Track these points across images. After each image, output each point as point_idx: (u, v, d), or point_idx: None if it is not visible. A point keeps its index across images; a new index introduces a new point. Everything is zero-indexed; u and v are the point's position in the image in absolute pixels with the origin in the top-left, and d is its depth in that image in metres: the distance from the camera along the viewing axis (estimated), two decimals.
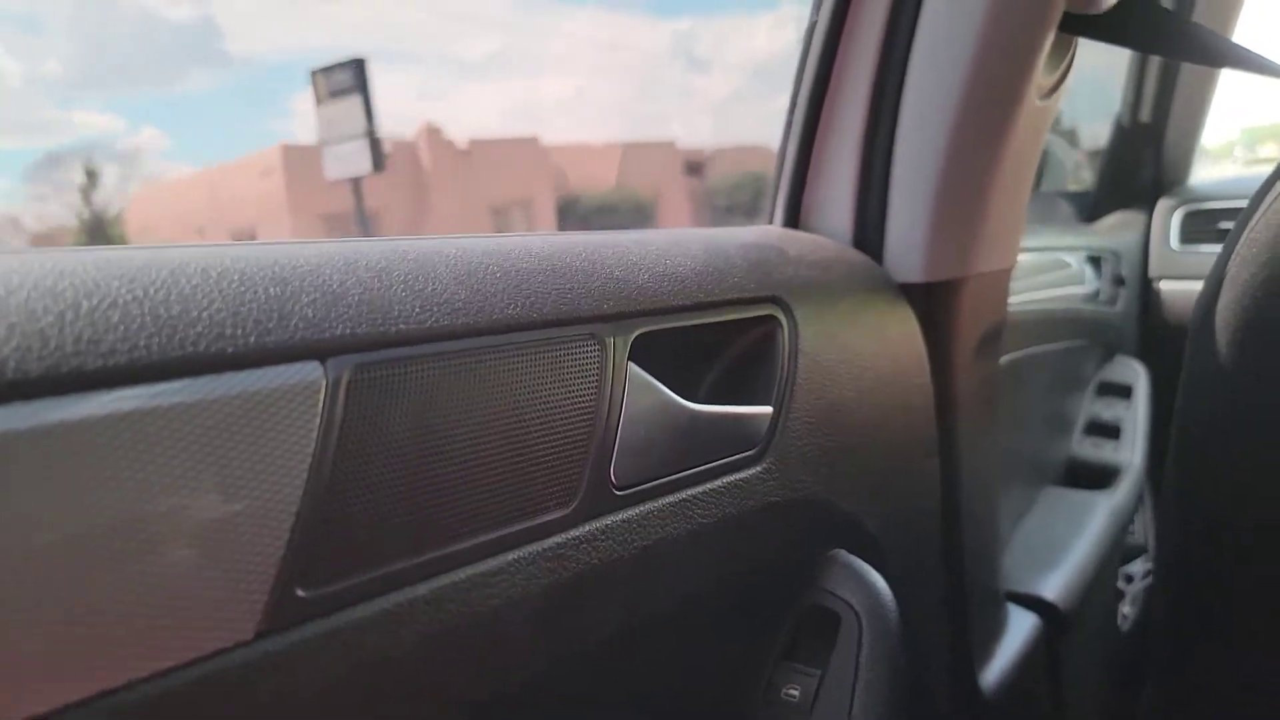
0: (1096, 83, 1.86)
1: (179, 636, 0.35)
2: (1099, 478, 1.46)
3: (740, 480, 0.61)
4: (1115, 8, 0.84)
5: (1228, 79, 1.84)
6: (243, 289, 0.39)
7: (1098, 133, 1.93)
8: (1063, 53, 0.87)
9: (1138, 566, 1.62)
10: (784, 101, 0.90)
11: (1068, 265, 1.58)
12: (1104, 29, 0.87)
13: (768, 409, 0.64)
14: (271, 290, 0.40)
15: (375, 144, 12.27)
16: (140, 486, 0.34)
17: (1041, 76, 0.83)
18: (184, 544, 0.35)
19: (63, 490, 0.32)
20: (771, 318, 0.66)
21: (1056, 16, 0.80)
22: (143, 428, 0.34)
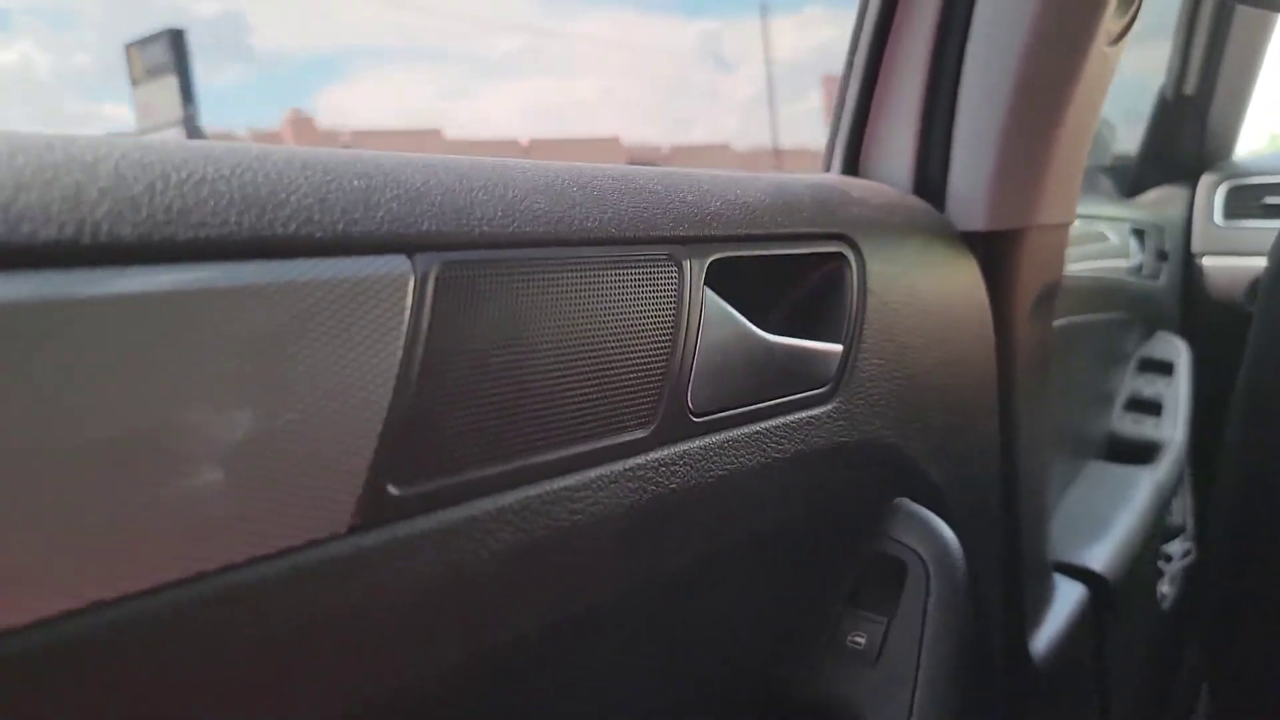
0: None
1: (270, 525, 0.33)
2: (1139, 454, 1.44)
3: (811, 417, 0.60)
4: None
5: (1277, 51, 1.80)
6: (328, 179, 0.38)
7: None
8: None
9: (1176, 546, 1.59)
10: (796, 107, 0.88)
11: (1110, 238, 1.56)
12: None
13: (838, 347, 0.62)
14: (356, 183, 0.38)
15: (194, 132, 9.88)
16: (233, 364, 0.32)
17: (1110, 21, 0.81)
18: (277, 428, 0.33)
19: (155, 362, 0.30)
20: (840, 255, 0.64)
21: None
22: (236, 304, 0.32)
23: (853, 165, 0.87)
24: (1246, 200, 1.73)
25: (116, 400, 0.29)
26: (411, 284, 0.38)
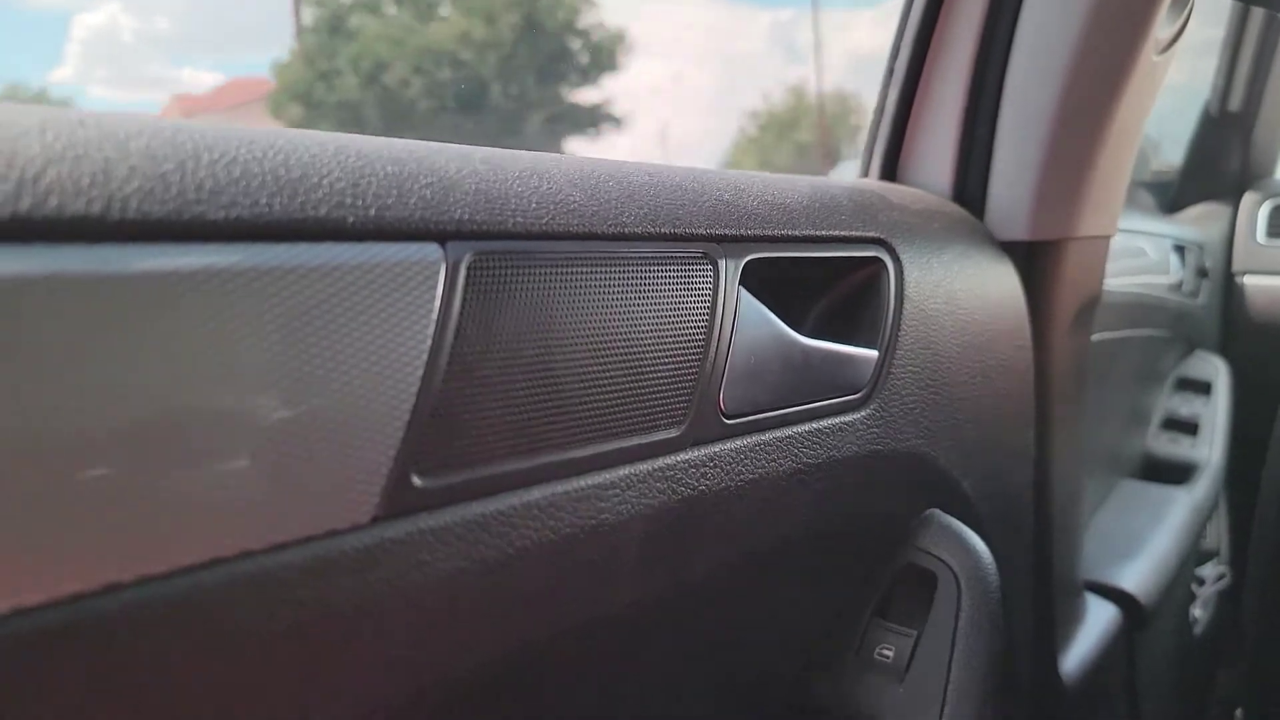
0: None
1: (295, 513, 0.32)
2: (1175, 474, 1.41)
3: (845, 424, 0.58)
4: None
5: None
6: (360, 164, 0.37)
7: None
8: (1181, 4, 0.82)
9: (1209, 570, 1.56)
10: None
11: (1147, 254, 1.53)
12: None
13: (873, 353, 0.61)
14: (389, 169, 0.38)
15: None
16: (260, 346, 0.31)
17: (1160, 29, 0.79)
18: (302, 414, 0.32)
19: (181, 343, 0.30)
20: (877, 260, 0.63)
21: None
22: (265, 285, 0.32)
23: (891, 171, 0.86)
24: None
25: (137, 380, 0.29)
26: (443, 272, 0.37)
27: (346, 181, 0.36)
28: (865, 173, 0.87)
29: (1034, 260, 0.81)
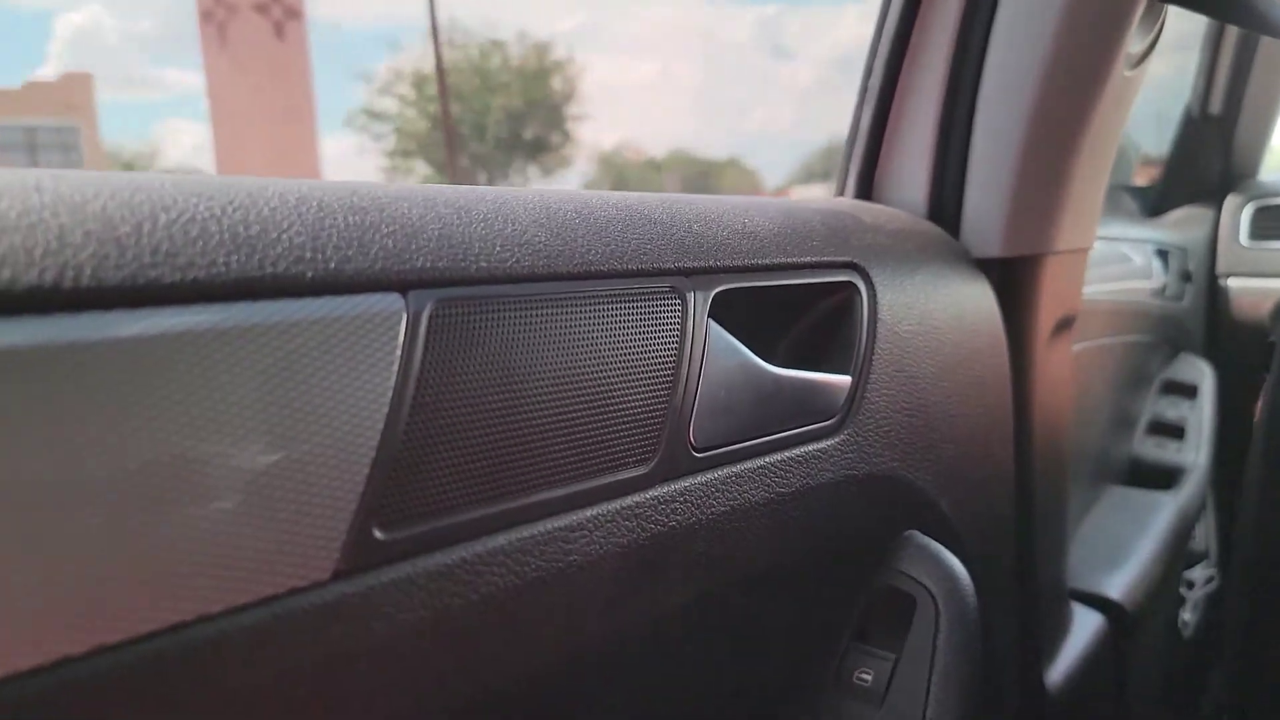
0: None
1: (252, 573, 0.32)
2: (1161, 478, 1.42)
3: (818, 450, 0.59)
4: None
5: None
6: (321, 215, 0.37)
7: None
8: (1152, 20, 0.83)
9: (1198, 573, 1.57)
10: None
11: (1133, 259, 1.54)
12: None
13: (846, 378, 0.61)
14: (351, 219, 0.38)
15: None
16: (216, 409, 0.32)
17: (1131, 45, 0.79)
18: (260, 474, 0.32)
19: (136, 410, 0.30)
20: (850, 284, 0.63)
21: None
22: (221, 347, 0.32)
23: (867, 190, 0.86)
24: (1273, 221, 1.71)
25: (91, 447, 0.29)
26: (404, 322, 0.37)
27: (306, 235, 0.36)
28: (841, 191, 0.87)
29: (1010, 276, 0.81)
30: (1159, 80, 1.82)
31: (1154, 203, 1.83)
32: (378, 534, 0.36)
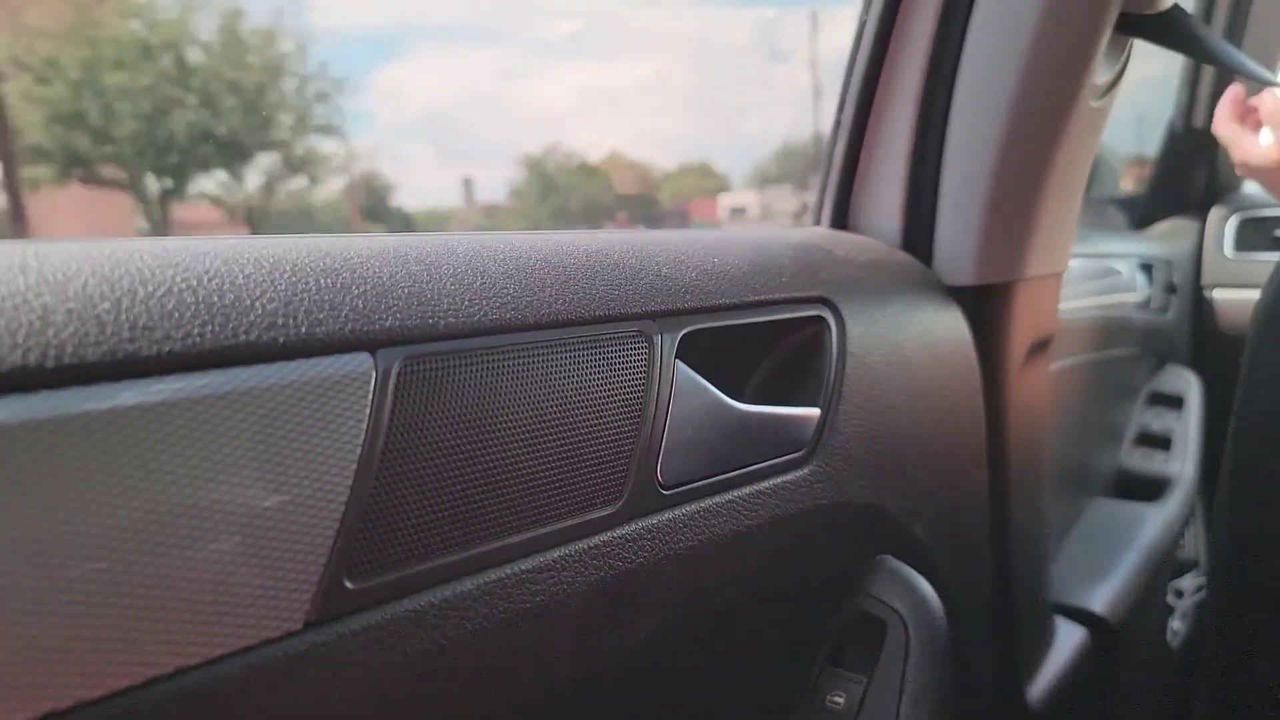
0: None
1: (227, 625, 0.34)
2: (1149, 489, 1.43)
3: (787, 482, 0.61)
4: (1169, 10, 0.83)
5: None
6: (294, 279, 0.39)
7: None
8: (1118, 52, 0.85)
9: (1188, 581, 1.58)
10: None
11: (1117, 273, 1.55)
12: (1161, 31, 0.85)
13: (815, 411, 0.63)
14: (323, 281, 0.40)
15: None
16: (192, 474, 0.34)
17: (1096, 76, 0.81)
18: (234, 533, 0.34)
19: (115, 477, 0.32)
20: (819, 318, 0.65)
21: (1113, 16, 0.79)
22: (195, 415, 0.34)
23: (842, 219, 0.88)
24: (1257, 232, 1.72)
25: (67, 509, 0.31)
26: (373, 381, 0.39)
27: (279, 301, 0.38)
28: (817, 220, 0.89)
29: (982, 303, 0.83)
30: (1159, 81, 1.83)
31: (1139, 215, 1.85)
32: (348, 584, 0.38)
